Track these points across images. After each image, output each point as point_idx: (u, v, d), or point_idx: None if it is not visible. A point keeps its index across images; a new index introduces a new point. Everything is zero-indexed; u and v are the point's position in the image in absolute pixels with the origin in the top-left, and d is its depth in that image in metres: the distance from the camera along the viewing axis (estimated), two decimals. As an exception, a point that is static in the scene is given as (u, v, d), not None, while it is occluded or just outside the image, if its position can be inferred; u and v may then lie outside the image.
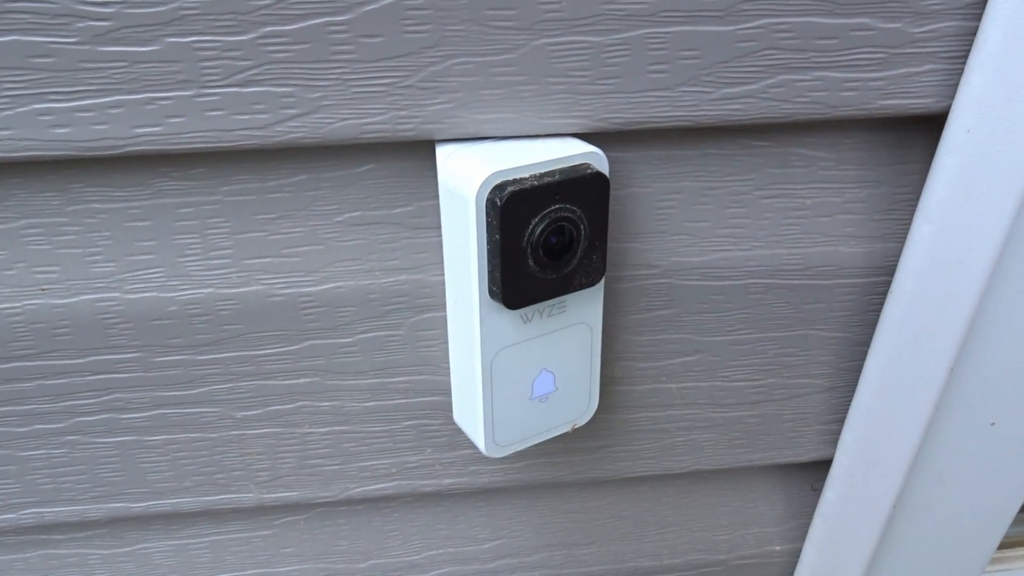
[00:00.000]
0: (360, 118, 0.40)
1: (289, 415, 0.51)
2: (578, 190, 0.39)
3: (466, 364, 0.43)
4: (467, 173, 0.38)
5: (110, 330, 0.46)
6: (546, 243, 0.39)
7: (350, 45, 0.38)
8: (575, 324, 0.44)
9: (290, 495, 0.54)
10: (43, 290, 0.45)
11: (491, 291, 0.40)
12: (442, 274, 0.47)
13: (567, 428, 0.47)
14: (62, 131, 0.38)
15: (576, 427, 0.48)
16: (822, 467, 0.60)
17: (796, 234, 0.49)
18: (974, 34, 0.41)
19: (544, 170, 0.38)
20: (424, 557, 0.61)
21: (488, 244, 0.39)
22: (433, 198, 0.45)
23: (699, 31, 0.40)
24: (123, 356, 0.47)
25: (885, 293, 0.51)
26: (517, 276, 0.39)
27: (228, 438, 0.52)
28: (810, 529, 0.62)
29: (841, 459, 0.57)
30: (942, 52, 0.42)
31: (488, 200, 0.37)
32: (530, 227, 0.38)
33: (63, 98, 0.37)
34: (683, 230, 0.48)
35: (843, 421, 0.57)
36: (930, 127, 0.45)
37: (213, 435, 0.51)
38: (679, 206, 0.47)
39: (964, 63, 0.42)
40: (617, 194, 0.46)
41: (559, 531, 0.62)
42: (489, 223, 0.38)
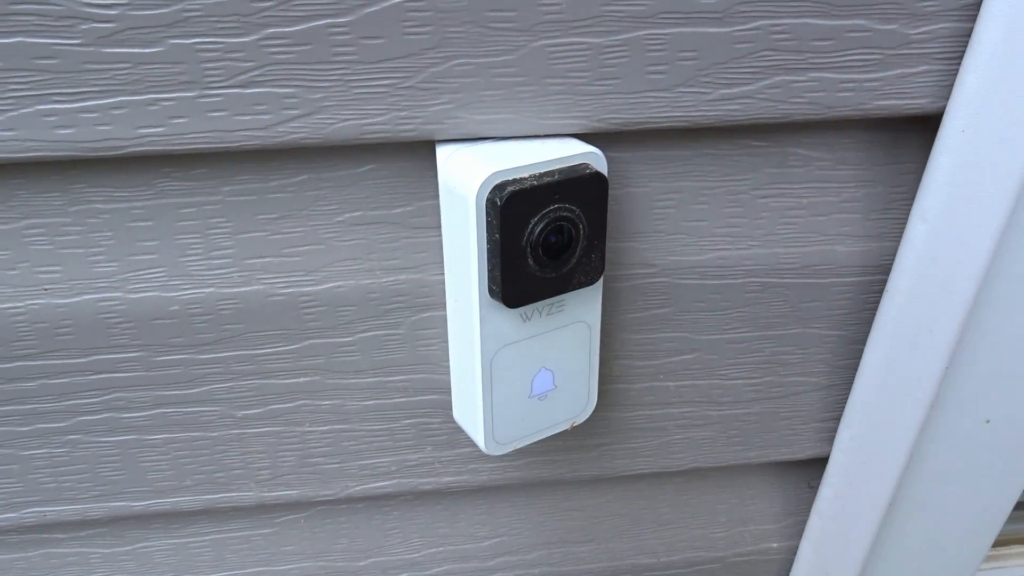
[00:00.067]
0: (361, 119, 0.40)
1: (289, 414, 0.51)
2: (577, 190, 0.39)
3: (466, 362, 0.44)
4: (467, 173, 0.38)
5: (112, 330, 0.47)
6: (545, 242, 0.39)
7: (351, 46, 0.38)
8: (574, 323, 0.44)
9: (290, 493, 0.55)
10: (45, 290, 0.45)
11: (491, 290, 0.40)
12: (442, 273, 0.48)
13: (566, 426, 0.48)
14: (66, 132, 0.38)
15: (575, 425, 0.48)
16: (819, 465, 0.60)
17: (793, 233, 0.49)
18: (969, 35, 0.41)
19: (543, 170, 0.39)
20: (424, 555, 0.61)
21: (488, 243, 0.39)
22: (433, 198, 0.45)
23: (697, 32, 0.40)
24: (125, 355, 0.48)
25: (881, 292, 0.51)
26: (517, 275, 0.39)
27: (229, 437, 0.52)
28: (807, 526, 0.63)
29: (837, 457, 0.58)
30: (937, 53, 0.42)
31: (488, 200, 0.38)
32: (529, 226, 0.39)
33: (67, 99, 0.38)
34: (681, 229, 0.48)
35: (840, 419, 0.57)
36: (925, 127, 0.46)
37: (214, 434, 0.52)
38: (677, 205, 0.47)
39: (959, 64, 0.42)
40: (615, 194, 0.46)
41: (558, 529, 0.63)
42: (489, 222, 0.38)
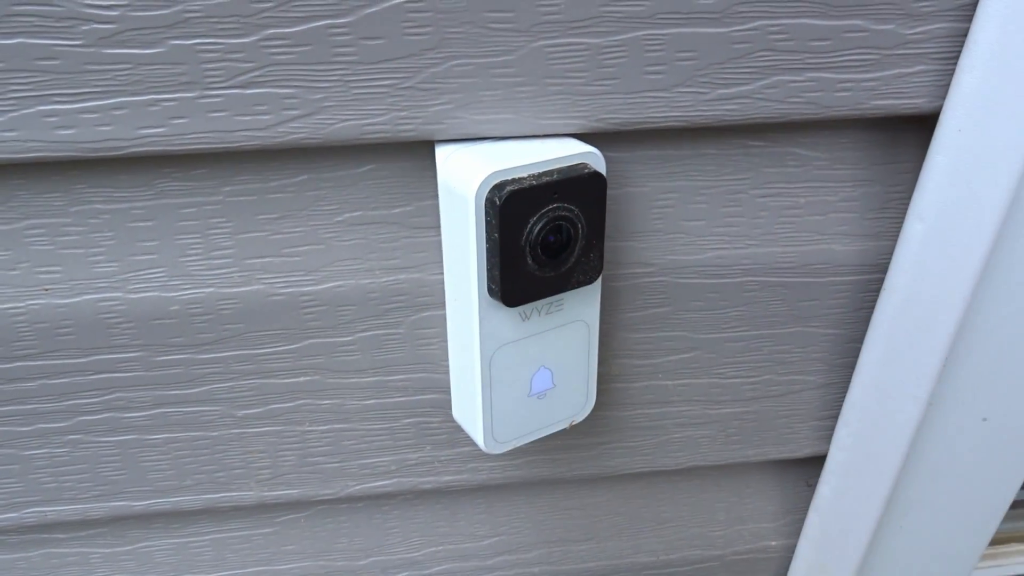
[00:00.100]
0: (361, 119, 0.40)
1: (289, 413, 0.52)
2: (576, 189, 0.40)
3: (465, 361, 0.44)
4: (467, 173, 0.39)
5: (112, 330, 0.47)
6: (544, 241, 0.40)
7: (351, 47, 0.38)
8: (573, 322, 0.44)
9: (291, 493, 0.55)
10: (46, 290, 0.45)
11: (490, 289, 0.40)
12: (441, 273, 0.48)
13: (565, 425, 0.48)
14: (66, 132, 0.39)
15: (574, 423, 0.48)
16: (817, 463, 0.60)
17: (791, 232, 0.49)
18: (965, 35, 0.42)
19: (542, 170, 0.39)
20: (424, 554, 0.62)
21: (487, 243, 0.39)
22: (432, 198, 0.45)
23: (695, 33, 0.40)
24: (125, 355, 0.48)
25: (878, 290, 0.52)
26: (516, 274, 0.40)
27: (229, 436, 0.52)
28: (805, 524, 0.63)
29: (835, 455, 0.58)
30: (934, 53, 0.42)
31: (487, 199, 0.38)
32: (528, 226, 0.39)
33: (68, 100, 0.38)
34: (679, 229, 0.48)
35: (837, 417, 0.57)
36: (922, 127, 0.46)
37: (214, 434, 0.52)
38: (675, 205, 0.48)
39: (955, 64, 0.42)
40: (614, 193, 0.46)
41: (557, 528, 0.63)
42: (488, 222, 0.38)
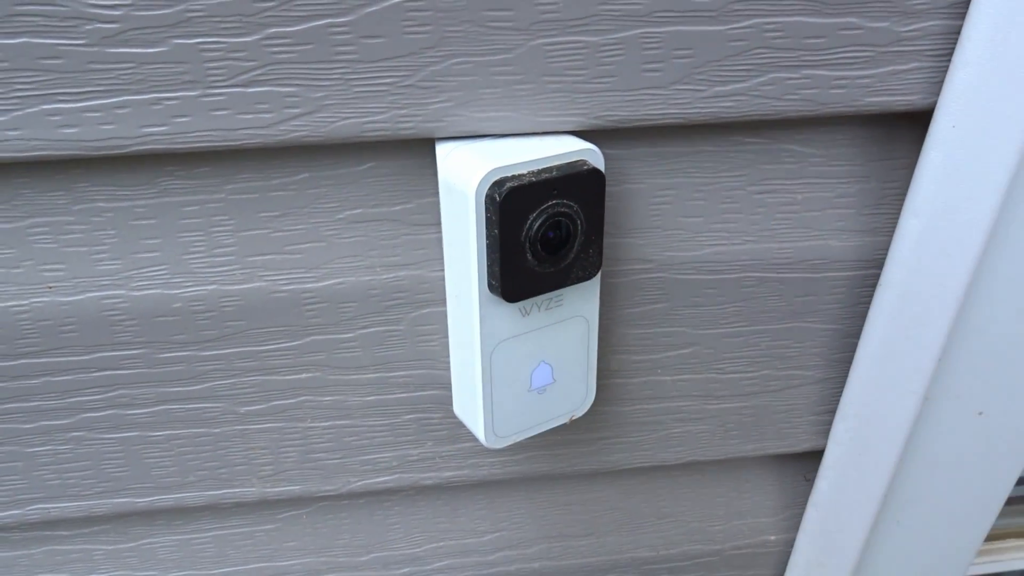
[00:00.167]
0: (362, 117, 0.41)
1: (292, 410, 0.52)
2: (575, 186, 0.40)
3: (466, 357, 0.44)
4: (467, 170, 0.39)
5: (115, 327, 0.47)
6: (544, 237, 0.40)
7: (352, 46, 0.39)
8: (572, 317, 0.45)
9: (293, 489, 0.55)
10: (49, 288, 0.46)
11: (490, 285, 0.41)
12: (441, 270, 0.48)
13: (565, 419, 0.48)
14: (70, 131, 0.39)
15: (574, 418, 0.49)
16: (815, 457, 0.61)
17: (787, 228, 0.50)
18: (958, 33, 0.42)
19: (542, 166, 0.39)
20: (425, 550, 0.62)
21: (487, 239, 0.40)
22: (432, 195, 0.46)
23: (692, 31, 0.41)
24: (128, 353, 0.48)
25: (875, 286, 0.52)
26: (516, 270, 0.40)
27: (231, 433, 0.52)
28: (803, 519, 0.63)
29: (833, 449, 0.58)
30: (927, 50, 0.43)
31: (487, 196, 0.38)
32: (528, 222, 0.39)
33: (72, 99, 0.38)
34: (677, 225, 0.49)
35: (835, 412, 0.58)
36: (916, 123, 0.46)
37: (217, 430, 0.52)
38: (673, 202, 0.48)
39: (949, 61, 0.43)
40: (612, 190, 0.47)
41: (557, 523, 0.63)
42: (488, 218, 0.39)
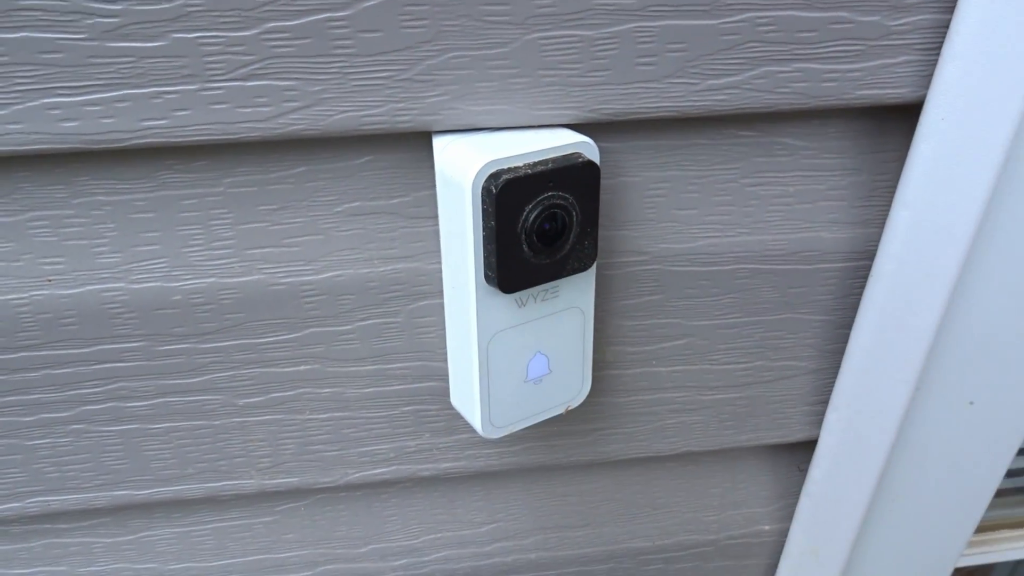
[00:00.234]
0: (359, 110, 0.41)
1: (290, 402, 0.52)
2: (570, 178, 0.40)
3: (463, 347, 0.45)
4: (463, 162, 0.40)
5: (115, 320, 0.48)
6: (540, 229, 0.40)
7: (350, 40, 0.39)
8: (568, 308, 0.45)
9: (291, 481, 0.56)
10: (49, 281, 0.46)
11: (487, 276, 0.41)
12: (438, 262, 0.49)
13: (561, 410, 0.49)
14: (70, 124, 0.39)
15: (570, 409, 0.49)
16: (808, 447, 0.61)
17: (780, 221, 0.50)
18: (947, 27, 0.43)
19: (537, 159, 0.40)
20: (422, 541, 0.63)
21: (484, 230, 0.40)
22: (429, 188, 0.46)
23: (685, 25, 0.41)
24: (128, 345, 0.49)
25: (866, 277, 0.53)
26: (512, 261, 0.41)
27: (230, 425, 0.53)
28: (797, 509, 0.64)
29: (826, 439, 0.59)
30: (917, 44, 0.43)
31: (484, 188, 0.39)
32: (524, 213, 0.40)
33: (72, 92, 0.39)
34: (671, 217, 0.49)
35: (828, 402, 0.59)
36: (907, 116, 0.47)
37: (216, 422, 0.53)
38: (667, 194, 0.49)
39: (938, 54, 0.43)
40: (607, 183, 0.47)
41: (554, 514, 0.64)
42: (485, 210, 0.39)
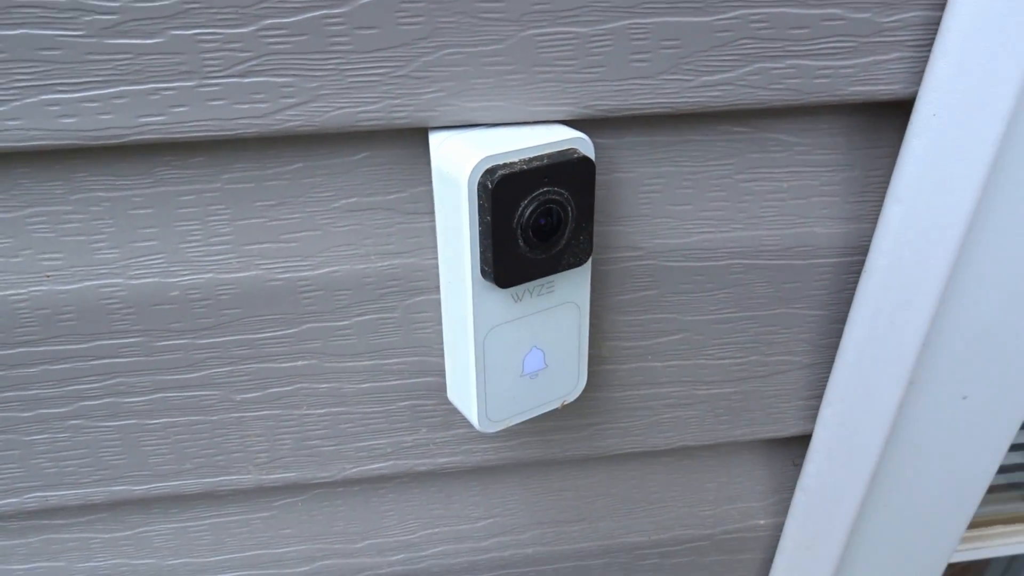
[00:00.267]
0: (356, 106, 0.41)
1: (287, 397, 0.53)
2: (565, 173, 0.41)
3: (460, 342, 0.45)
4: (460, 158, 0.40)
5: (113, 315, 0.48)
6: (535, 224, 0.41)
7: (346, 36, 0.39)
8: (564, 303, 0.46)
9: (288, 476, 0.56)
10: (48, 276, 0.46)
11: (483, 271, 0.42)
12: (434, 258, 0.49)
13: (557, 404, 0.49)
14: (69, 121, 0.40)
15: (566, 403, 0.50)
16: (803, 442, 0.62)
17: (774, 216, 0.51)
18: (938, 23, 0.43)
19: (533, 155, 0.40)
20: (419, 536, 0.63)
21: (480, 225, 0.40)
22: (425, 184, 0.47)
23: (679, 21, 0.42)
24: (126, 341, 0.49)
25: (860, 272, 0.53)
26: (508, 256, 0.41)
27: (228, 420, 0.53)
28: (792, 503, 0.65)
29: (820, 434, 0.59)
30: (909, 40, 0.44)
31: (480, 183, 0.39)
32: (520, 209, 0.40)
33: (70, 89, 0.39)
34: (666, 213, 0.50)
35: (822, 397, 0.59)
36: (899, 112, 0.47)
37: (213, 418, 0.53)
38: (662, 190, 0.49)
39: (929, 51, 0.44)
40: (602, 179, 0.48)
41: (550, 509, 0.64)
42: (481, 205, 0.40)
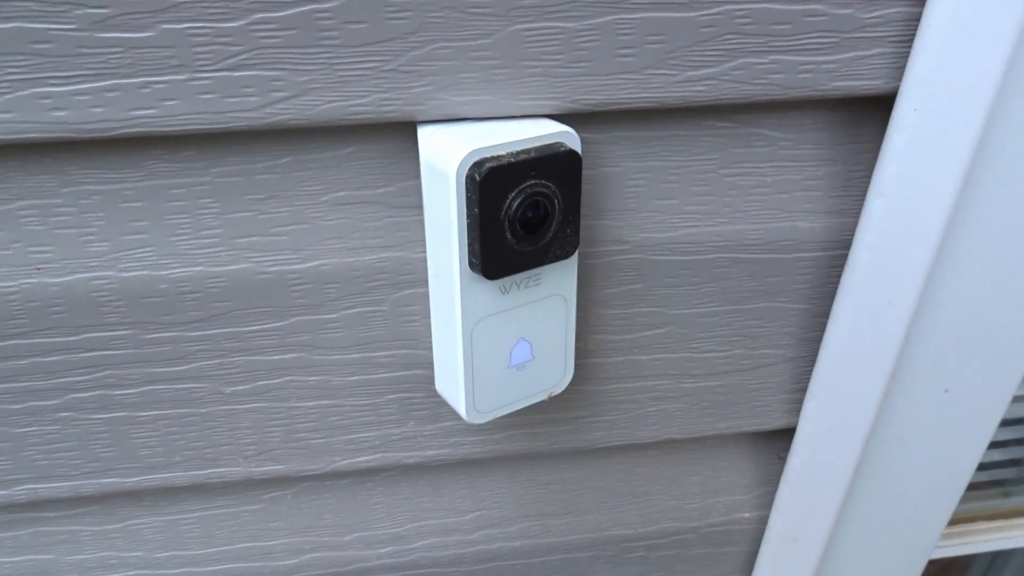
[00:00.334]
0: (345, 100, 0.42)
1: (277, 390, 0.53)
2: (552, 166, 0.41)
3: (447, 334, 0.46)
4: (448, 151, 0.40)
5: (103, 308, 0.48)
6: (523, 217, 0.41)
7: (336, 31, 0.40)
8: (551, 296, 0.46)
9: (277, 468, 0.56)
10: (38, 269, 0.46)
11: (471, 263, 0.42)
12: (423, 251, 0.49)
13: (544, 396, 0.50)
14: (60, 114, 0.40)
15: (553, 395, 0.50)
16: (788, 435, 0.63)
17: (758, 210, 0.52)
18: (919, 19, 0.44)
19: (520, 148, 0.41)
20: (407, 529, 0.63)
21: (468, 218, 0.41)
22: (413, 178, 0.47)
23: (664, 17, 0.42)
24: (116, 333, 0.49)
25: (842, 266, 0.54)
26: (495, 248, 0.41)
27: (217, 413, 0.53)
28: (776, 496, 0.65)
29: (804, 427, 0.60)
30: (890, 36, 0.45)
31: (468, 176, 0.40)
32: (507, 201, 0.41)
33: (62, 82, 0.39)
34: (652, 207, 0.50)
35: (806, 390, 0.60)
36: (881, 107, 0.48)
37: (203, 410, 0.53)
38: (648, 184, 0.50)
39: (910, 46, 0.45)
40: (589, 174, 0.48)
41: (537, 502, 0.65)
42: (469, 197, 0.40)
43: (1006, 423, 1.06)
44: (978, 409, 0.62)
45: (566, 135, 0.42)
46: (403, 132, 0.45)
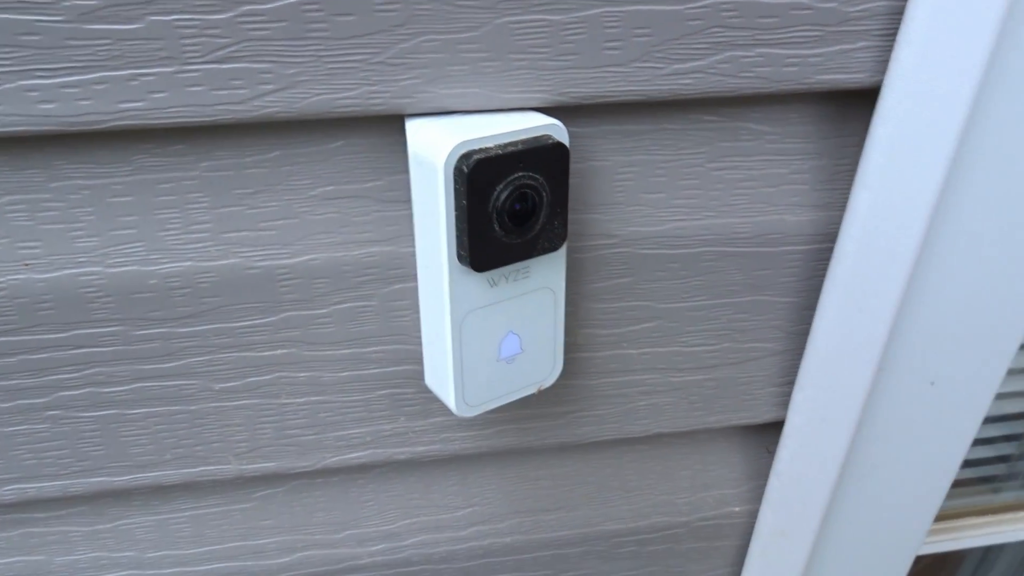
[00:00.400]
0: (333, 93, 0.42)
1: (267, 386, 0.53)
2: (540, 159, 0.42)
3: (437, 327, 0.46)
4: (436, 143, 0.41)
5: (92, 304, 0.48)
6: (511, 209, 0.42)
7: (324, 23, 0.40)
8: (539, 289, 0.47)
9: (268, 466, 0.56)
10: (26, 265, 0.46)
11: (459, 255, 0.42)
12: (412, 246, 0.50)
13: (533, 389, 0.50)
14: (48, 107, 0.40)
15: (542, 389, 0.50)
16: (776, 429, 0.63)
17: (745, 204, 0.52)
18: (902, 12, 0.44)
19: (508, 140, 0.41)
20: (399, 526, 0.63)
21: (456, 210, 0.41)
22: (402, 172, 0.47)
23: (651, 10, 0.43)
24: (105, 330, 0.49)
25: (829, 259, 0.54)
26: (483, 240, 0.42)
27: (208, 410, 0.53)
28: (766, 490, 0.66)
29: (793, 420, 0.60)
30: (874, 30, 0.45)
31: (456, 168, 0.40)
32: (495, 193, 0.41)
33: (49, 74, 0.39)
34: (640, 201, 0.51)
35: (794, 383, 0.60)
36: (866, 101, 0.48)
37: (193, 407, 0.53)
38: (636, 178, 0.50)
39: (894, 40, 0.45)
40: (577, 167, 0.49)
41: (528, 498, 0.65)
42: (457, 190, 0.40)
43: (992, 420, 1.07)
44: (964, 401, 0.62)
45: (554, 128, 0.42)
46: (391, 126, 0.45)
